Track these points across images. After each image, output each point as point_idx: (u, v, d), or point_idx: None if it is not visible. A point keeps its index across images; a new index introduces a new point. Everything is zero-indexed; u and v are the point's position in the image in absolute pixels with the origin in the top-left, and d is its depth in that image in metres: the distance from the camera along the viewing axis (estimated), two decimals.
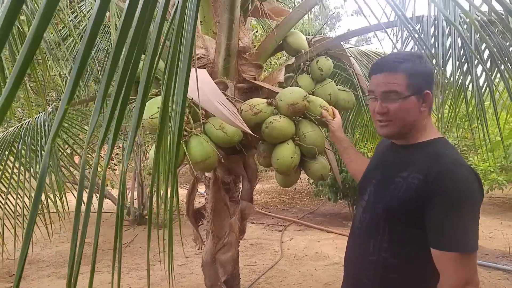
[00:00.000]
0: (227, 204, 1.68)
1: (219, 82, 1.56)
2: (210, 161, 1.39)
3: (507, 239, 4.66)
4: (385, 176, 1.10)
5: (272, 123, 1.44)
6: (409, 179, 0.99)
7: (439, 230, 0.93)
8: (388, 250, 1.03)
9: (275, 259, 4.16)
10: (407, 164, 1.03)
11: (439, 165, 0.96)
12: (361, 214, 1.15)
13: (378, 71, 1.05)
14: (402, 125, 1.04)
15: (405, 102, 1.01)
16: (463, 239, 0.91)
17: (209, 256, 1.72)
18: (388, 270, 1.03)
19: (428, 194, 0.94)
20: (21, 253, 0.35)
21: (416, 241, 1.00)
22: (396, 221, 1.02)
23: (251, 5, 1.70)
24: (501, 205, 6.84)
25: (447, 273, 0.93)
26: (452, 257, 0.91)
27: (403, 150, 1.10)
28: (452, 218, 0.92)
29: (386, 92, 1.02)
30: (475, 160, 6.85)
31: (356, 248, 1.15)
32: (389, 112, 1.03)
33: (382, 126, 1.07)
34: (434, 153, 1.01)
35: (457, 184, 0.93)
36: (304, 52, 1.75)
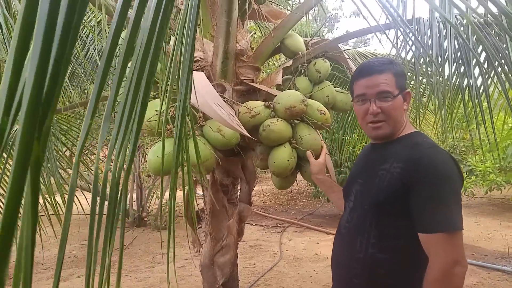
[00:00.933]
0: (225, 206, 1.68)
1: (217, 84, 1.57)
2: (208, 164, 1.39)
3: (506, 240, 4.66)
4: (369, 174, 1.12)
5: (269, 125, 1.45)
6: (391, 170, 1.03)
7: (424, 213, 0.96)
8: (376, 246, 1.04)
9: (274, 261, 4.16)
10: (388, 157, 1.07)
11: (419, 151, 1.00)
12: (348, 214, 1.16)
13: (367, 75, 1.09)
14: (394, 124, 1.09)
15: (396, 100, 1.07)
16: (448, 219, 0.94)
17: (207, 259, 1.72)
18: (376, 266, 1.04)
19: (411, 180, 0.97)
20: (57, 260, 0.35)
21: (404, 232, 1.02)
22: (383, 213, 1.04)
23: (249, 8, 1.70)
24: (500, 206, 6.85)
25: (436, 255, 0.94)
26: (439, 238, 0.94)
27: (383, 147, 1.14)
28: (436, 200, 0.95)
29: (380, 92, 1.06)
30: (473, 161, 6.87)
31: (343, 248, 1.16)
32: (384, 112, 1.07)
33: (376, 128, 1.09)
34: (413, 143, 1.06)
35: (437, 167, 0.97)
36: (302, 54, 1.76)
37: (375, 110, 1.07)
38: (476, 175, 6.95)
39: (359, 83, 1.11)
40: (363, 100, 1.10)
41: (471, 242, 4.71)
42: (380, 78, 1.06)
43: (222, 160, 1.45)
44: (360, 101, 1.11)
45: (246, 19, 1.82)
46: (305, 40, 1.87)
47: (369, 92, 1.08)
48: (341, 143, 4.35)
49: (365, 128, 1.14)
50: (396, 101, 1.07)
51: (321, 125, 1.54)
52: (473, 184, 6.91)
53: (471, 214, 6.29)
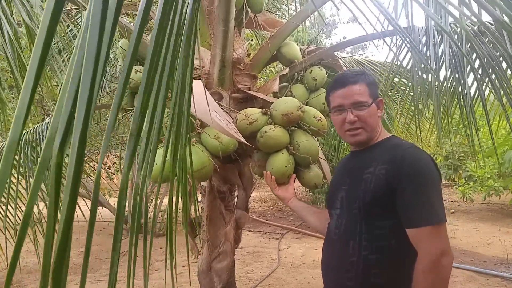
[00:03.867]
0: (222, 213, 1.69)
1: (214, 92, 1.59)
2: (205, 170, 1.41)
3: (505, 245, 4.66)
4: (353, 179, 1.16)
5: (267, 132, 1.46)
6: (376, 172, 1.08)
7: (411, 209, 1.02)
8: (368, 248, 1.07)
9: (272, 267, 4.15)
10: (370, 161, 1.12)
11: (401, 151, 1.07)
12: (336, 221, 1.19)
13: (342, 86, 1.16)
14: (371, 130, 1.16)
15: (370, 109, 1.14)
16: (433, 213, 1.00)
17: (204, 265, 1.72)
18: (369, 267, 1.07)
19: (396, 179, 1.03)
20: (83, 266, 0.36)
21: (393, 231, 1.06)
22: (372, 215, 1.08)
23: (246, 17, 1.73)
24: (499, 212, 6.86)
25: (424, 247, 1.00)
26: (426, 232, 0.99)
27: (363, 153, 1.20)
28: (420, 196, 1.01)
29: (355, 102, 1.13)
30: (472, 167, 6.88)
31: (335, 253, 1.18)
32: (360, 120, 1.13)
33: (354, 135, 1.16)
34: (393, 145, 1.13)
35: (419, 164, 1.04)
36: (298, 62, 1.78)
37: (352, 119, 1.13)
38: (475, 180, 6.96)
39: (335, 94, 1.18)
40: (340, 110, 1.17)
41: (470, 248, 4.70)
42: (355, 88, 1.14)
43: (220, 167, 1.46)
44: (338, 111, 1.17)
45: (243, 28, 1.85)
46: (301, 48, 1.89)
47: (346, 103, 1.14)
48: (338, 150, 4.36)
49: (344, 135, 1.20)
50: (371, 109, 1.14)
51: (318, 131, 1.56)
52: (472, 190, 6.92)
53: (470, 220, 6.28)
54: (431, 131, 2.75)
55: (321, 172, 1.62)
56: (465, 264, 4.04)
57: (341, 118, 1.16)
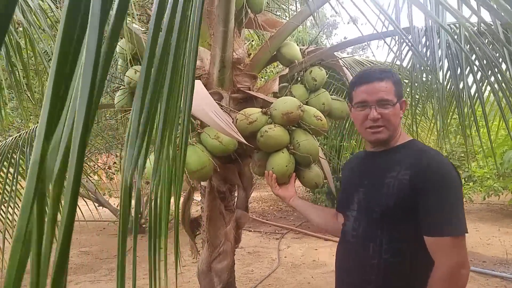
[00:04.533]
0: (222, 213, 1.69)
1: (214, 92, 1.59)
2: (205, 170, 1.41)
3: (504, 246, 4.66)
4: (373, 182, 1.14)
5: (267, 132, 1.47)
6: (399, 177, 1.06)
7: (433, 217, 1.00)
8: (389, 251, 1.07)
9: (272, 267, 4.15)
10: (393, 165, 1.10)
11: (426, 158, 1.05)
12: (353, 223, 1.17)
13: (367, 82, 1.13)
14: (393, 130, 1.13)
15: (395, 108, 1.12)
16: (455, 224, 0.99)
17: (204, 265, 1.73)
18: (390, 270, 1.07)
19: (420, 186, 1.02)
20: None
21: (413, 235, 1.05)
22: (394, 220, 1.07)
23: (245, 17, 1.73)
24: (498, 212, 6.86)
25: (443, 258, 0.99)
26: (446, 242, 0.98)
27: (383, 155, 1.17)
28: (444, 205, 1.00)
29: (380, 99, 1.10)
30: (472, 167, 6.88)
31: (353, 256, 1.16)
32: (383, 118, 1.11)
33: (375, 132, 1.13)
34: (418, 150, 1.11)
35: (445, 172, 1.03)
36: (298, 62, 1.78)
37: (376, 116, 1.10)
38: (475, 181, 6.96)
39: (359, 89, 1.14)
40: (363, 106, 1.13)
41: (470, 248, 4.71)
42: (381, 85, 1.11)
43: (220, 167, 1.47)
44: (360, 107, 1.14)
45: (243, 28, 1.85)
46: (301, 49, 1.89)
47: (370, 99, 1.11)
48: (339, 150, 4.37)
49: (364, 132, 1.17)
50: (395, 108, 1.12)
51: (318, 130, 1.56)
52: (472, 190, 6.92)
53: (470, 220, 6.29)
54: (432, 131, 2.75)
55: (321, 172, 1.62)
56: None
57: (364, 114, 1.13)
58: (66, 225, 0.31)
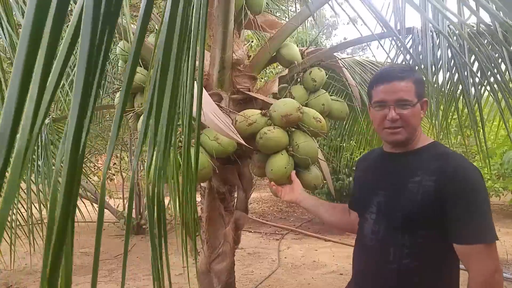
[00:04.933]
0: (221, 214, 1.69)
1: (213, 93, 1.59)
2: (205, 172, 1.41)
3: (505, 246, 4.66)
4: (395, 186, 1.11)
5: (266, 133, 1.47)
6: (423, 182, 1.03)
7: (463, 225, 0.97)
8: (410, 256, 1.04)
9: (272, 268, 4.15)
10: (416, 169, 1.06)
11: (452, 162, 1.02)
12: (373, 226, 1.14)
13: (387, 81, 1.08)
14: (412, 131, 1.09)
15: (414, 109, 1.07)
16: (487, 230, 0.97)
17: (204, 266, 1.73)
18: (411, 275, 1.05)
19: (448, 193, 0.99)
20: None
21: (436, 241, 1.04)
22: (416, 225, 1.04)
23: (245, 18, 1.73)
24: (499, 212, 6.86)
25: (477, 266, 0.97)
26: (479, 249, 0.96)
27: (404, 157, 1.13)
28: (474, 211, 0.97)
29: (400, 99, 1.06)
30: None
31: (372, 260, 1.14)
32: (402, 119, 1.07)
33: (393, 133, 1.09)
34: (441, 154, 1.06)
35: (472, 178, 0.99)
36: (297, 63, 1.78)
37: (394, 116, 1.06)
38: None
39: (379, 88, 1.10)
40: (381, 106, 1.10)
41: None
42: (401, 85, 1.06)
43: (219, 168, 1.47)
44: (379, 106, 1.10)
45: (242, 29, 1.85)
46: (301, 49, 1.90)
47: (389, 99, 1.07)
48: (339, 150, 4.37)
49: (382, 133, 1.13)
50: (415, 109, 1.07)
51: (317, 132, 1.56)
52: None
53: None
54: (432, 131, 2.75)
55: (320, 173, 1.62)
56: None
57: (382, 114, 1.09)
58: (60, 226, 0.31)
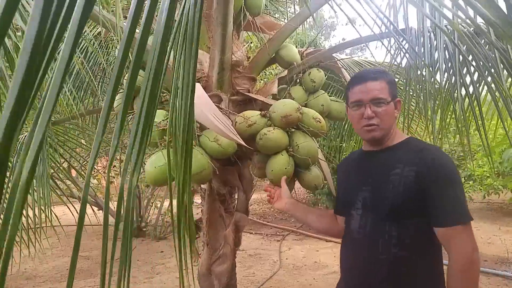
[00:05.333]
0: (222, 216, 1.69)
1: (213, 95, 1.59)
2: (205, 173, 1.41)
3: (505, 244, 4.67)
4: (378, 180, 1.17)
5: (266, 134, 1.47)
6: (404, 173, 1.10)
7: (443, 209, 1.05)
8: (397, 245, 1.10)
9: (273, 270, 4.15)
10: (396, 162, 1.13)
11: (429, 154, 1.10)
12: (360, 221, 1.19)
13: (362, 82, 1.17)
14: (387, 128, 1.17)
15: (388, 107, 1.16)
16: (463, 211, 1.05)
17: (204, 268, 1.72)
18: (400, 264, 1.10)
19: (427, 180, 1.06)
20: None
21: (420, 229, 1.10)
22: (401, 215, 1.10)
23: (244, 20, 1.74)
24: (498, 210, 6.87)
25: (458, 246, 1.03)
26: (459, 230, 1.04)
27: (383, 154, 1.20)
28: (452, 196, 1.06)
29: (374, 98, 1.14)
30: (471, 166, 6.89)
31: (361, 254, 1.18)
32: (378, 116, 1.15)
33: (370, 130, 1.17)
34: (419, 147, 1.15)
35: (448, 166, 1.08)
36: (297, 64, 1.79)
37: (370, 114, 1.14)
38: (474, 180, 6.97)
39: (354, 89, 1.18)
40: (358, 106, 1.17)
41: None
42: (375, 85, 1.15)
43: (219, 170, 1.47)
44: (356, 106, 1.18)
45: (241, 31, 1.85)
46: (300, 50, 1.90)
47: (365, 98, 1.15)
48: (338, 150, 4.37)
49: (360, 131, 1.21)
50: (389, 107, 1.15)
51: (317, 132, 1.56)
52: (472, 189, 6.93)
53: None
54: (431, 130, 2.76)
55: (321, 173, 1.62)
56: None
57: (359, 113, 1.17)
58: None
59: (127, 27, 0.49)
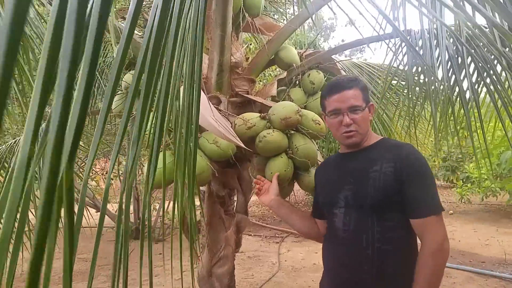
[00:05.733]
0: (222, 218, 1.68)
1: (212, 97, 1.59)
2: (204, 176, 1.40)
3: (503, 246, 4.67)
4: (358, 178, 1.22)
5: (265, 137, 1.46)
6: (383, 170, 1.17)
7: (417, 201, 1.13)
8: (380, 240, 1.15)
9: (272, 271, 4.14)
10: (375, 160, 1.20)
11: (404, 150, 1.18)
12: (343, 219, 1.23)
13: (338, 91, 1.24)
14: (364, 133, 1.25)
15: (364, 112, 1.23)
16: (436, 203, 1.13)
17: (205, 270, 1.71)
18: (384, 257, 1.15)
19: (403, 175, 1.14)
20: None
21: (400, 222, 1.16)
22: (382, 209, 1.16)
23: (243, 21, 1.74)
24: (496, 212, 6.87)
25: (430, 235, 1.10)
26: (432, 220, 1.11)
27: (361, 154, 1.27)
28: (425, 189, 1.13)
29: (351, 106, 1.21)
30: (469, 168, 6.90)
31: (346, 251, 1.22)
32: (356, 123, 1.22)
33: (349, 136, 1.24)
34: (394, 145, 1.24)
35: (421, 161, 1.17)
36: (296, 66, 1.78)
37: (348, 121, 1.22)
38: (472, 182, 6.98)
39: (331, 99, 1.25)
40: (336, 114, 1.24)
41: (469, 249, 4.71)
42: (350, 93, 1.22)
43: (218, 172, 1.46)
44: (334, 114, 1.25)
45: (240, 32, 1.85)
46: (299, 52, 1.90)
47: (342, 106, 1.22)
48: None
49: (339, 137, 1.28)
50: (364, 113, 1.23)
51: (316, 134, 1.56)
52: (470, 191, 6.94)
53: (468, 221, 6.29)
54: (430, 133, 2.76)
55: None
56: (463, 265, 4.04)
57: (338, 121, 1.24)
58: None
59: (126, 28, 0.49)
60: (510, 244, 4.81)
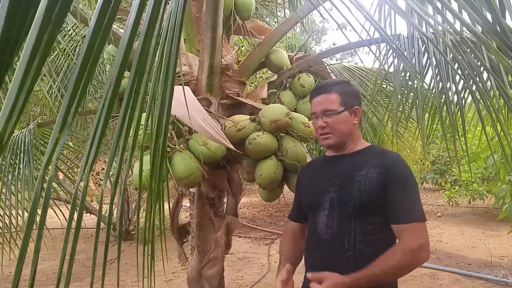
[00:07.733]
0: (212, 219, 1.69)
1: (202, 98, 1.59)
2: (193, 177, 1.40)
3: (489, 248, 4.75)
4: (344, 181, 1.23)
5: (255, 139, 1.47)
6: (369, 175, 1.19)
7: (400, 207, 1.14)
8: (362, 242, 1.17)
9: (262, 273, 4.14)
10: (362, 165, 1.22)
11: (390, 158, 1.21)
12: (326, 221, 1.23)
13: (317, 95, 1.28)
14: (340, 136, 1.26)
15: (339, 116, 1.24)
16: (418, 211, 1.14)
17: (194, 272, 1.71)
18: (365, 259, 1.15)
19: (387, 181, 1.16)
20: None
21: (382, 226, 1.17)
22: (365, 213, 1.18)
23: (234, 24, 1.74)
24: (483, 215, 6.98)
25: (408, 238, 1.11)
26: (414, 227, 1.12)
27: (348, 158, 1.29)
28: (408, 196, 1.15)
29: (324, 110, 1.25)
30: (457, 171, 7.00)
31: (328, 253, 1.22)
32: (328, 126, 1.24)
33: (324, 138, 1.27)
34: (381, 152, 1.27)
35: (406, 169, 1.20)
36: (286, 69, 1.80)
37: (322, 124, 1.25)
38: (460, 185, 7.09)
39: (312, 102, 1.30)
40: (314, 117, 1.29)
41: (456, 251, 4.78)
42: (326, 97, 1.25)
43: (208, 174, 1.46)
44: (313, 117, 1.29)
45: (231, 34, 1.86)
46: (290, 55, 1.91)
47: (317, 110, 1.26)
48: None
49: (319, 139, 1.31)
50: (339, 117, 1.24)
51: (306, 137, 1.57)
52: (457, 194, 7.05)
53: (456, 223, 6.38)
54: (418, 136, 2.80)
55: None
56: (450, 267, 4.10)
57: (315, 123, 1.29)
58: None
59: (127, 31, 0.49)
60: (496, 246, 4.89)
